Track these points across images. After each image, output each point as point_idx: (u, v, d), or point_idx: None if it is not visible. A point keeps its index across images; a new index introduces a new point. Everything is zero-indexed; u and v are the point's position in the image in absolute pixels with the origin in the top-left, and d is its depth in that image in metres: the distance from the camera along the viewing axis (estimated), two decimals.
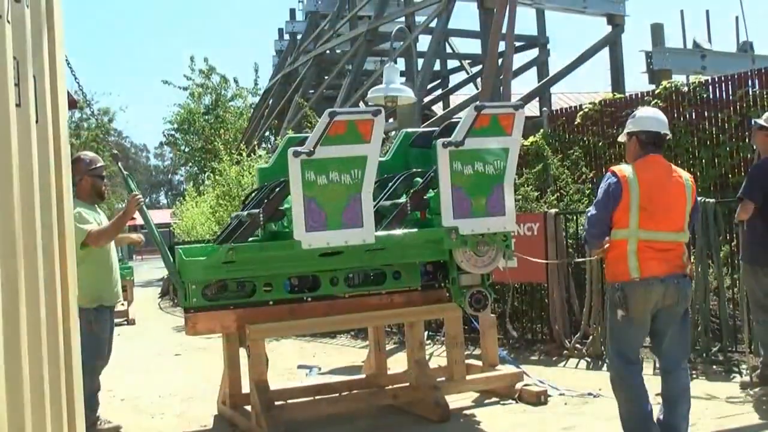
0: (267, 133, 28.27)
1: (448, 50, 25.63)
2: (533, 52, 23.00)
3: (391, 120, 17.07)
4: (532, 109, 21.06)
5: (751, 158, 8.58)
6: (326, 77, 25.70)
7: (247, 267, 6.22)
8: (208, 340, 9.86)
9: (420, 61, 20.10)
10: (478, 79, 20.57)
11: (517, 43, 20.57)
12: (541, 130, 11.65)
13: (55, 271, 3.03)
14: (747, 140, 9.23)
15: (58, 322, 3.03)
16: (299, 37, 30.37)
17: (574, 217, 9.19)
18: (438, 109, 23.64)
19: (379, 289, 6.73)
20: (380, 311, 6.70)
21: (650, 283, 4.80)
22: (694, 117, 10.19)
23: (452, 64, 26.45)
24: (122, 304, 15.99)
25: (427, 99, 21.70)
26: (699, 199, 7.65)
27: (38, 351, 2.80)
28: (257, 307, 6.33)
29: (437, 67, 24.50)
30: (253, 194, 6.95)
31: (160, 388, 8.48)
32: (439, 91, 25.55)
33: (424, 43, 22.26)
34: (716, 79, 10.37)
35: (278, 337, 10.17)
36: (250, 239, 6.36)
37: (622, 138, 5.26)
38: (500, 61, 11.72)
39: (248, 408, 6.46)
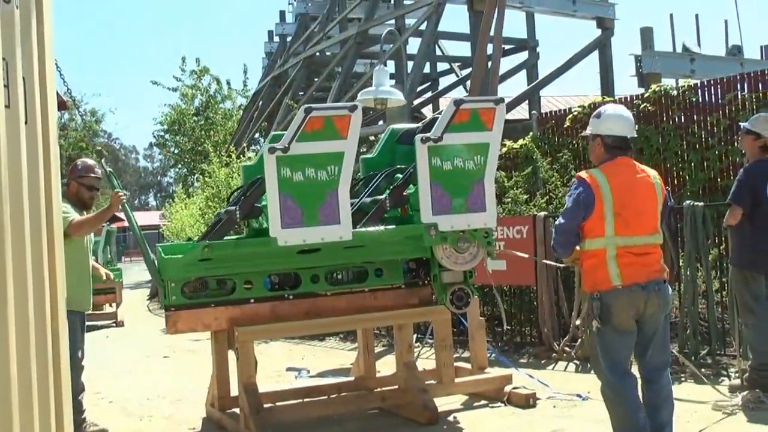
0: (257, 135, 28.21)
1: (438, 53, 25.65)
2: (523, 55, 23.05)
3: (381, 122, 17.10)
4: (522, 112, 21.13)
5: (740, 162, 8.61)
6: (316, 79, 25.65)
7: (225, 264, 6.20)
8: (197, 342, 9.85)
9: (410, 64, 20.09)
10: (468, 82, 20.57)
11: (507, 46, 20.64)
12: (531, 133, 11.67)
13: (43, 271, 3.02)
14: (736, 144, 9.27)
15: (47, 322, 3.02)
16: (289, 39, 30.31)
17: None
18: (428, 111, 23.62)
19: (362, 286, 6.67)
20: (369, 314, 6.66)
21: (632, 291, 4.65)
22: (683, 120, 10.22)
23: (442, 66, 26.46)
24: (110, 306, 15.98)
25: (416, 101, 21.69)
26: (688, 202, 7.77)
27: (26, 351, 2.79)
28: (238, 305, 6.30)
29: (427, 69, 24.51)
30: (237, 192, 6.92)
31: (149, 390, 8.45)
32: (429, 94, 25.56)
33: (413, 45, 22.31)
34: (705, 83, 10.41)
35: (267, 339, 10.15)
36: (235, 237, 6.34)
37: (586, 133, 5.03)
38: (489, 63, 11.74)
39: (237, 410, 6.44)
